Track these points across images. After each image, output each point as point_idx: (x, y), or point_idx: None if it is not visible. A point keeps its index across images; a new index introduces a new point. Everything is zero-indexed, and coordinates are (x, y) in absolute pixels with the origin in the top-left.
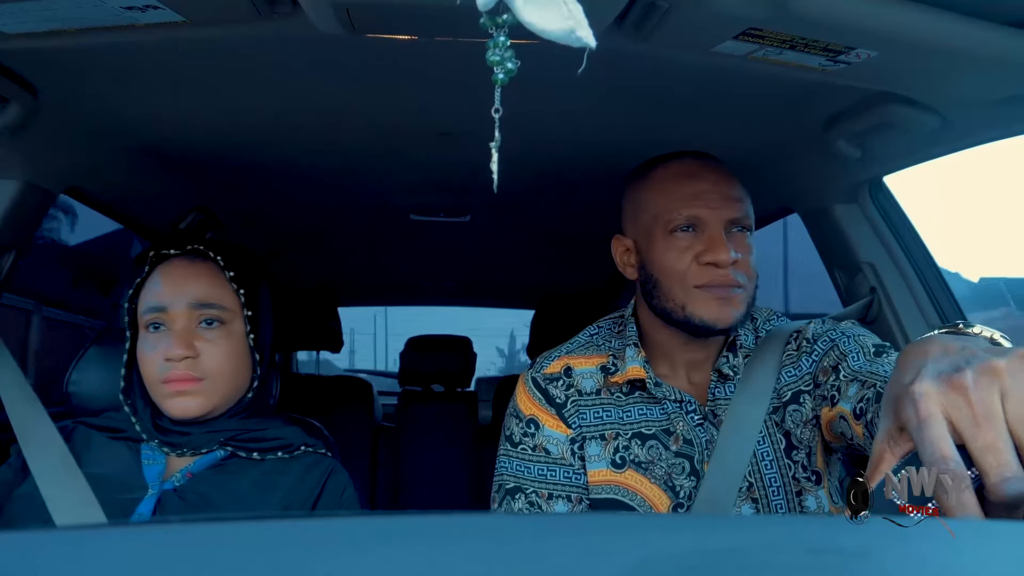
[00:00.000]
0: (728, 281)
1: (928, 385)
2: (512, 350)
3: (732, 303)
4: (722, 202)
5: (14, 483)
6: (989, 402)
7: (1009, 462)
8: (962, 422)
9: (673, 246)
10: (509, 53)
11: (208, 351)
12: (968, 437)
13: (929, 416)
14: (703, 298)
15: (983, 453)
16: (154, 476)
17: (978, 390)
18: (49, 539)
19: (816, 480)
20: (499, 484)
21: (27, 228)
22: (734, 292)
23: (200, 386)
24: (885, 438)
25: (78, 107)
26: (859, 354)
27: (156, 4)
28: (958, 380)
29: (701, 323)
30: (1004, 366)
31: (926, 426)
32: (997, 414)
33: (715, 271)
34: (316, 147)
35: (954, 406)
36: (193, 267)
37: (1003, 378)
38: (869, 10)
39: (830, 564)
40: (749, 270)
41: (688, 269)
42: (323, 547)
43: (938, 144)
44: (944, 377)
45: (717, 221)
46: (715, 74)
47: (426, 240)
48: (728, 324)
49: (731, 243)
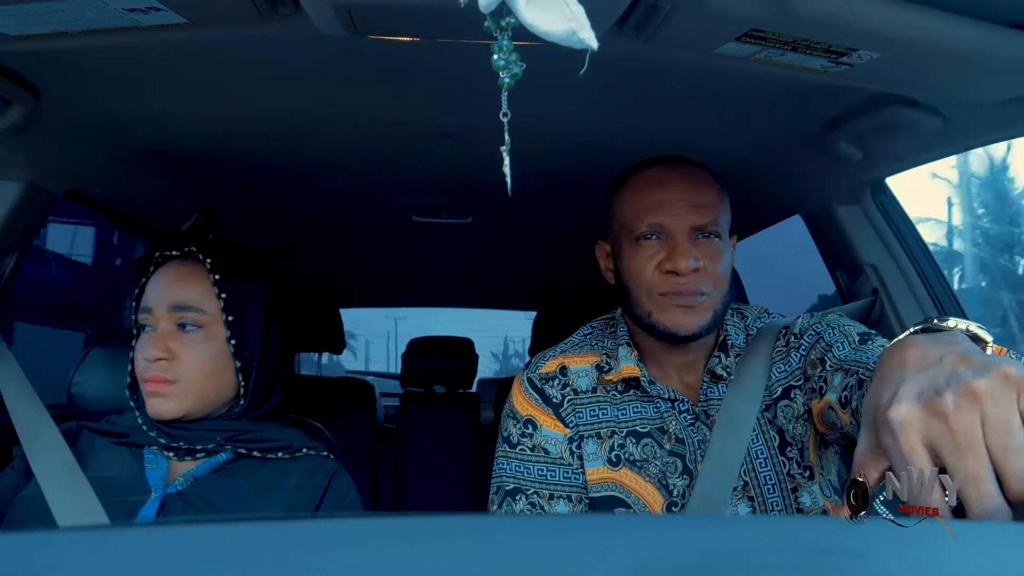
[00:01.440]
0: (689, 289)
1: (907, 411)
2: (506, 353)
3: (695, 311)
4: (687, 209)
5: (17, 486)
6: (970, 429)
7: (990, 492)
8: (943, 449)
9: (638, 254)
10: (514, 57)
11: (184, 354)
12: (950, 466)
13: (911, 452)
14: (665, 306)
15: (965, 484)
16: (157, 480)
17: (959, 417)
18: (52, 541)
19: (810, 475)
20: (498, 486)
21: (29, 230)
22: (697, 300)
23: (172, 388)
24: (866, 454)
25: (80, 109)
26: (844, 343)
27: (158, 6)
28: (938, 405)
29: (665, 331)
30: (984, 389)
31: (908, 461)
32: (978, 442)
33: (676, 279)
34: (318, 149)
35: (935, 434)
36: (181, 269)
37: (983, 403)
38: (871, 12)
39: (830, 564)
40: (715, 277)
41: (652, 277)
42: (325, 548)
43: (940, 145)
44: (925, 401)
45: (681, 228)
46: (717, 76)
47: (428, 241)
48: (692, 332)
49: (697, 250)
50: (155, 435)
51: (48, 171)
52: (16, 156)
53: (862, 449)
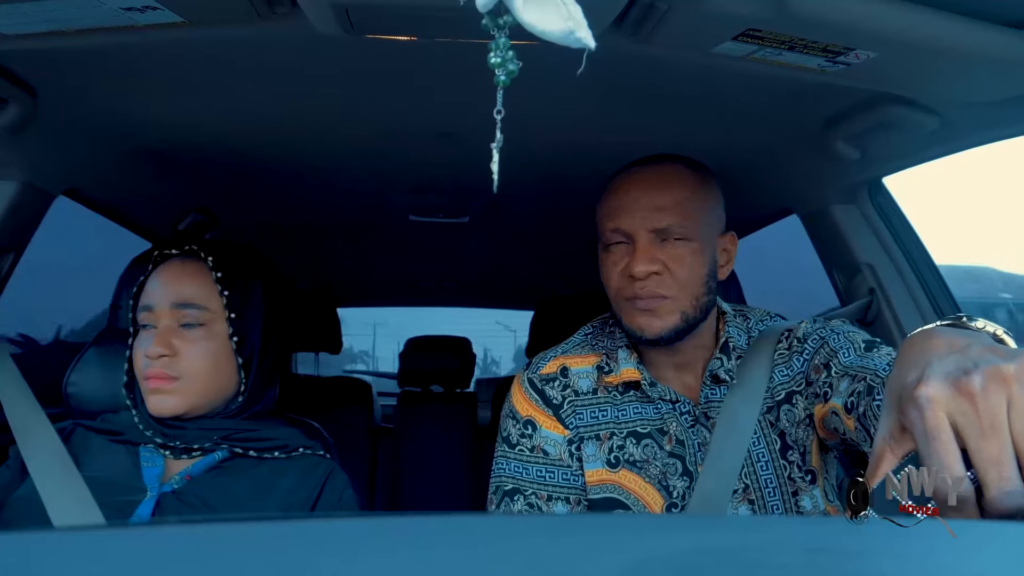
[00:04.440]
0: (647, 293)
1: (935, 389)
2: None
3: (656, 314)
4: (646, 212)
5: (12, 485)
6: (996, 411)
7: (1011, 476)
8: (967, 429)
9: (607, 259)
10: (510, 55)
11: (186, 351)
12: (972, 448)
13: (937, 428)
14: (629, 310)
15: (986, 465)
16: (153, 478)
17: (986, 398)
18: (47, 540)
19: (811, 479)
20: (496, 486)
21: (26, 230)
22: (657, 303)
23: (175, 385)
24: (887, 436)
25: (77, 108)
26: (849, 350)
27: (155, 5)
28: (966, 385)
29: (631, 333)
30: (1013, 373)
31: (934, 438)
32: (1003, 425)
33: (635, 283)
34: (315, 148)
35: (961, 412)
36: (183, 267)
37: (1011, 386)
38: (868, 11)
39: (829, 564)
40: (681, 280)
41: (618, 282)
42: (322, 548)
43: (937, 145)
44: (952, 380)
45: (640, 232)
46: (714, 75)
47: (425, 241)
48: (656, 335)
49: (661, 253)
50: (151, 434)
51: (45, 170)
52: (12, 155)
53: (883, 433)
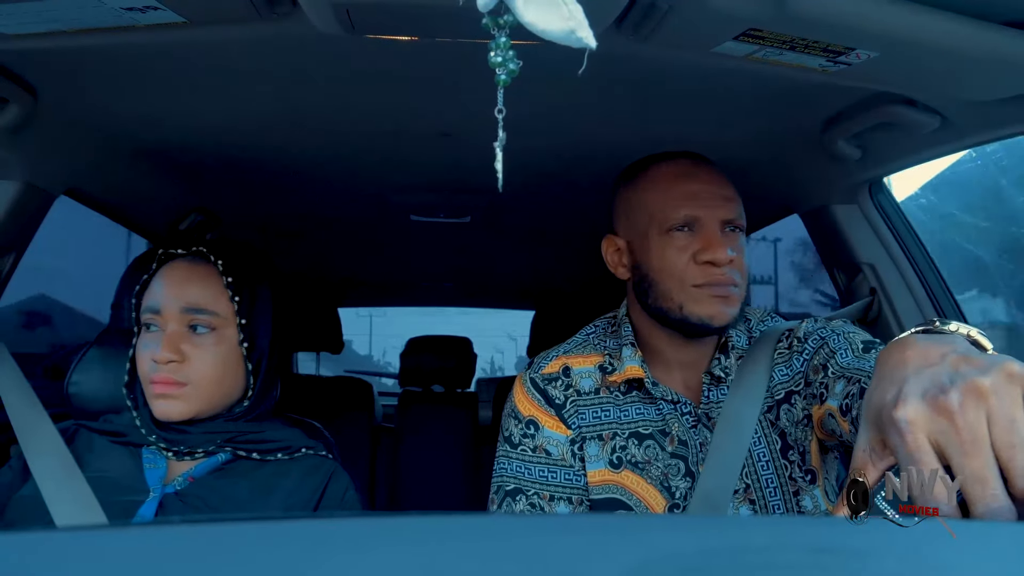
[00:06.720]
0: (725, 280)
1: (913, 411)
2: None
3: (729, 301)
4: (718, 202)
5: (15, 485)
6: (976, 428)
7: (995, 491)
8: (949, 448)
9: (671, 245)
10: (511, 54)
11: (195, 356)
12: (955, 465)
13: (918, 450)
14: (701, 297)
15: (970, 482)
16: (155, 479)
17: (964, 415)
18: (50, 540)
19: (812, 479)
20: (498, 485)
21: (26, 229)
22: (731, 291)
23: (182, 391)
24: (867, 450)
25: (78, 108)
26: (847, 351)
27: (156, 5)
28: (944, 403)
29: (699, 322)
30: (989, 387)
31: (916, 460)
32: (984, 441)
33: (713, 270)
34: (316, 147)
35: (940, 432)
36: (192, 270)
37: (988, 400)
38: (869, 11)
39: (830, 564)
40: (743, 269)
41: (686, 268)
42: (324, 547)
43: (938, 144)
44: (929, 399)
45: (713, 220)
46: (715, 75)
47: (426, 240)
48: (724, 322)
49: (726, 242)
50: (154, 439)
51: (45, 170)
52: (13, 155)
53: (862, 447)
